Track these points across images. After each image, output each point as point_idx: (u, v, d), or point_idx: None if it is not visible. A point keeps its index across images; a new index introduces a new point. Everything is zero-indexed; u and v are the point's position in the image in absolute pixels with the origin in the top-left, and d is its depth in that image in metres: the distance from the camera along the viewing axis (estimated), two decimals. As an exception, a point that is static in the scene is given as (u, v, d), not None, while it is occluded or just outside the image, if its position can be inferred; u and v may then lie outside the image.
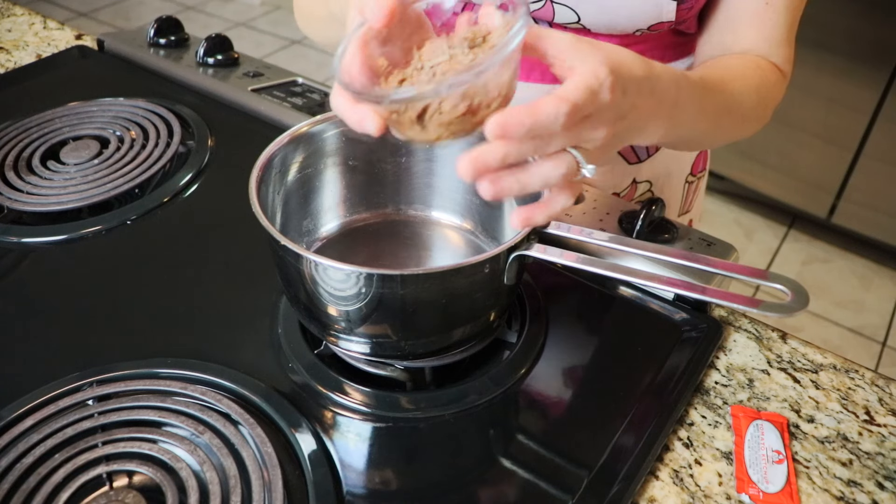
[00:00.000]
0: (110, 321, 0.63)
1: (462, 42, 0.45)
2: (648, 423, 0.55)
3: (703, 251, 0.68)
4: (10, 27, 1.12)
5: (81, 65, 1.03)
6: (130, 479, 0.51)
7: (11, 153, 0.82)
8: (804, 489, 0.52)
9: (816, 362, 0.62)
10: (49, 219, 0.74)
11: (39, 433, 0.52)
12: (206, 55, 0.98)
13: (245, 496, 0.48)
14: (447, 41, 0.45)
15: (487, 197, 0.44)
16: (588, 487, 0.51)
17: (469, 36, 0.45)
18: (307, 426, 0.54)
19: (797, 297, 0.49)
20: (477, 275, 0.52)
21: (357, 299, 0.52)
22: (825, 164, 2.03)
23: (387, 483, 0.52)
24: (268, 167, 0.59)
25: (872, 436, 0.57)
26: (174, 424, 0.53)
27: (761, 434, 0.55)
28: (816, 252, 2.16)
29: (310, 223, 0.67)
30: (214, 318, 0.64)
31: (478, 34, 0.45)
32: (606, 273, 0.53)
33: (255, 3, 3.48)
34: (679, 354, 0.61)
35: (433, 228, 0.69)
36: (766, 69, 0.67)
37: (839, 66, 1.87)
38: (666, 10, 0.65)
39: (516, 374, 0.59)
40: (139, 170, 0.79)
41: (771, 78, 0.67)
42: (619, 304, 0.66)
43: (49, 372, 0.57)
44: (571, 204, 0.49)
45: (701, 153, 0.87)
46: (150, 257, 0.70)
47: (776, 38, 0.67)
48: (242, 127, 0.89)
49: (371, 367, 0.59)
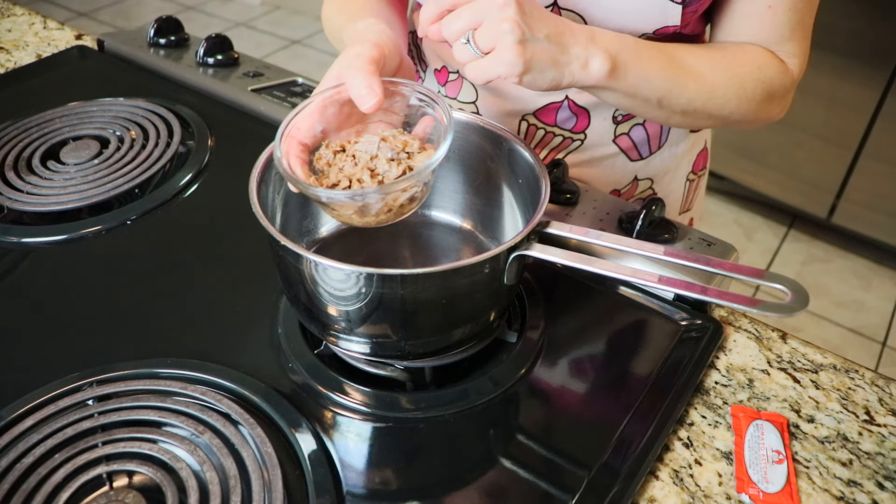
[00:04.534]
0: (110, 321, 0.63)
1: (389, 150, 0.55)
2: (648, 423, 0.55)
3: (703, 251, 0.68)
4: (10, 27, 1.12)
5: (81, 65, 1.03)
6: (130, 479, 0.51)
7: (11, 153, 0.82)
8: (804, 489, 0.52)
9: (816, 362, 0.62)
10: (49, 219, 0.74)
11: (39, 433, 0.52)
12: (206, 55, 0.98)
13: (245, 496, 0.48)
14: (381, 141, 0.55)
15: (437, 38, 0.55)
16: (588, 487, 0.51)
17: (398, 148, 0.55)
18: (307, 426, 0.54)
19: (797, 297, 0.49)
20: (477, 275, 0.52)
21: (357, 299, 0.52)
22: (825, 164, 2.03)
23: (387, 483, 0.52)
24: (268, 167, 0.59)
25: (872, 436, 0.57)
26: (174, 424, 0.53)
27: (761, 434, 0.55)
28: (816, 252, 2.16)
29: (310, 223, 0.67)
30: (214, 318, 0.64)
31: (406, 146, 0.55)
32: (606, 273, 0.53)
33: (255, 3, 3.48)
34: (679, 354, 0.61)
35: (433, 228, 0.69)
36: (767, 54, 0.68)
37: (839, 66, 1.87)
38: (671, 14, 0.65)
39: (516, 374, 0.59)
40: (139, 170, 0.79)
41: (774, 62, 0.68)
42: (619, 304, 0.66)
43: (49, 372, 0.57)
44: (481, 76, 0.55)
45: (701, 152, 0.87)
46: (150, 257, 0.70)
47: (779, 36, 0.68)
48: (242, 127, 0.89)
49: (371, 367, 0.59)
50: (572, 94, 0.75)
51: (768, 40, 0.68)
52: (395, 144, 0.55)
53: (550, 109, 0.76)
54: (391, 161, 0.54)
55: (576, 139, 0.78)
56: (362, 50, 0.55)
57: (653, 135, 0.80)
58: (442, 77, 0.82)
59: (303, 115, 0.56)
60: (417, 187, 0.54)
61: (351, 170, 0.54)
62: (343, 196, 0.52)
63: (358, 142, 0.56)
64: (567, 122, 0.77)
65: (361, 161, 0.54)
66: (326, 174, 0.55)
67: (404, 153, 0.55)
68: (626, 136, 0.78)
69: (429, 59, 0.84)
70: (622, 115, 0.77)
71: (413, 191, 0.54)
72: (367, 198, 0.52)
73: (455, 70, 0.80)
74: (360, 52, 0.55)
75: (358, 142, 0.56)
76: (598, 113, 0.76)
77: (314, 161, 0.56)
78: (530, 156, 0.59)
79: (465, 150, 0.65)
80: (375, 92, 0.53)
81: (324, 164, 0.55)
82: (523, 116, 0.77)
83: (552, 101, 0.76)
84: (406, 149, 0.55)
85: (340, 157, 0.55)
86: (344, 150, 0.56)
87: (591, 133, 0.77)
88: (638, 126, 0.78)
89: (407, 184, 0.52)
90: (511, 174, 0.63)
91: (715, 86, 0.65)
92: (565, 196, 0.73)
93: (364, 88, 0.53)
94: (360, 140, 0.56)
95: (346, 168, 0.54)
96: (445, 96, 0.82)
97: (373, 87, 0.53)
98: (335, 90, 0.56)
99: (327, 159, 0.55)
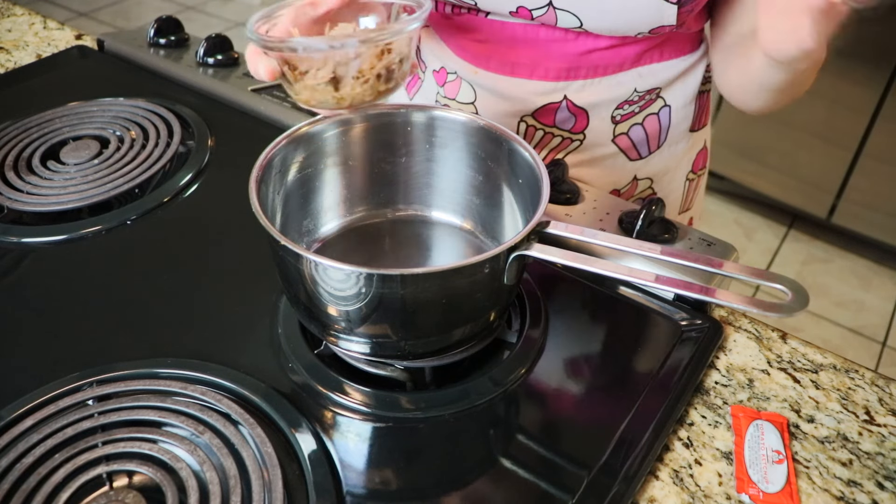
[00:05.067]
0: (110, 321, 0.63)
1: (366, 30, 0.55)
2: (648, 423, 0.55)
3: (703, 251, 0.68)
4: (10, 27, 1.12)
5: (81, 65, 1.03)
6: (130, 479, 0.51)
7: (11, 153, 0.82)
8: (804, 489, 0.52)
9: (816, 362, 0.62)
10: (49, 219, 0.74)
11: (39, 433, 0.52)
12: (206, 55, 0.98)
13: (245, 496, 0.48)
14: (357, 30, 0.55)
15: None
16: (588, 487, 0.51)
17: (374, 30, 0.54)
18: (307, 426, 0.54)
19: (797, 297, 0.49)
20: (477, 275, 0.52)
21: (357, 299, 0.52)
22: (825, 164, 2.03)
23: (387, 483, 0.52)
24: (268, 167, 0.59)
25: (872, 436, 0.57)
26: (174, 424, 0.53)
27: (761, 434, 0.55)
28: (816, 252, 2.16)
29: (310, 223, 0.67)
30: (214, 318, 0.64)
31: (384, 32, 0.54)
32: (606, 273, 0.53)
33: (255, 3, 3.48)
34: (679, 354, 0.61)
35: (433, 228, 0.69)
36: None
37: (839, 66, 1.87)
38: (667, 14, 0.65)
39: (516, 374, 0.59)
40: (139, 170, 0.79)
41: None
42: (619, 304, 0.66)
43: (49, 372, 0.57)
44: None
45: (701, 151, 0.87)
46: (150, 257, 0.70)
47: None
48: (242, 127, 0.89)
49: (371, 367, 0.59)
50: (570, 95, 0.75)
51: None
52: (371, 30, 0.56)
53: (549, 110, 0.76)
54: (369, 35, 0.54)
55: (575, 139, 0.78)
56: None
57: (652, 134, 0.80)
58: (441, 77, 0.82)
59: (278, 23, 0.56)
60: (394, 56, 0.54)
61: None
62: (319, 42, 0.51)
63: (335, 29, 0.56)
64: (566, 123, 0.77)
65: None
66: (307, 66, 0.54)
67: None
68: (625, 136, 0.78)
69: (427, 60, 0.84)
70: (621, 114, 0.77)
71: (390, 57, 0.53)
72: (345, 45, 0.51)
73: (453, 71, 0.80)
74: None
75: (335, 29, 0.56)
76: (597, 113, 0.76)
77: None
78: (530, 156, 0.59)
79: (465, 150, 0.65)
80: None
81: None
82: (522, 117, 0.77)
83: (551, 102, 0.76)
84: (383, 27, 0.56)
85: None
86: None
87: (589, 133, 0.78)
88: (637, 126, 0.78)
89: (385, 37, 0.51)
90: (511, 174, 0.63)
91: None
92: (565, 196, 0.73)
93: None
94: (336, 29, 0.56)
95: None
96: (444, 97, 0.83)
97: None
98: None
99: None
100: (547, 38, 0.73)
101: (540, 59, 0.74)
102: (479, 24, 0.75)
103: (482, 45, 0.76)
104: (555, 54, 0.73)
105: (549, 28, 0.72)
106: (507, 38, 0.74)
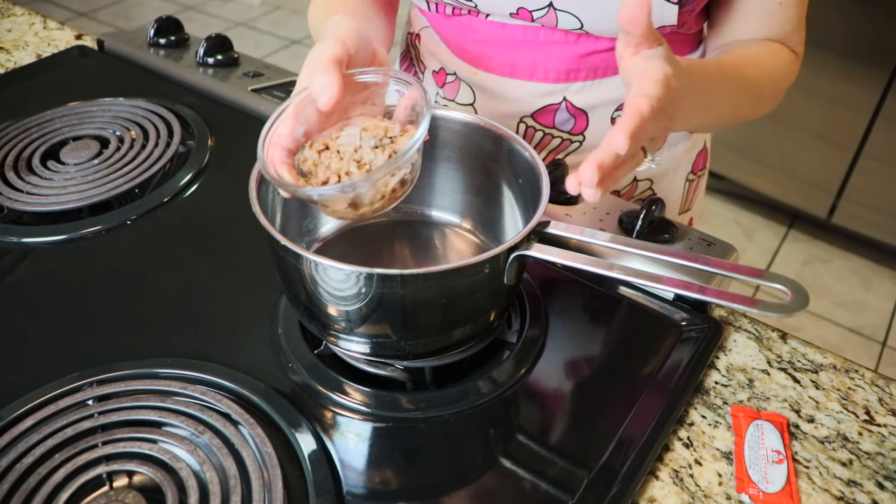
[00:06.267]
0: (110, 321, 0.63)
1: (371, 138, 0.55)
2: (648, 423, 0.55)
3: (703, 251, 0.68)
4: (10, 27, 1.12)
5: (81, 65, 1.03)
6: (130, 479, 0.51)
7: (11, 153, 0.82)
8: (804, 489, 0.52)
9: (816, 362, 0.62)
10: (49, 219, 0.74)
11: (39, 433, 0.52)
12: (206, 55, 0.98)
13: (245, 496, 0.48)
14: (362, 132, 0.56)
15: (592, 199, 0.47)
16: (588, 487, 0.51)
17: (380, 135, 0.55)
18: (307, 426, 0.54)
19: (797, 297, 0.49)
20: (477, 275, 0.52)
21: (357, 299, 0.52)
22: (825, 164, 2.03)
23: (387, 483, 0.52)
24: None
25: (872, 436, 0.57)
26: (174, 424, 0.53)
27: (761, 434, 0.55)
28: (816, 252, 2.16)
29: (310, 223, 0.67)
30: (214, 317, 0.64)
31: (388, 132, 0.55)
32: (606, 273, 0.53)
33: (255, 3, 3.48)
34: (679, 354, 0.61)
35: (433, 228, 0.69)
36: (778, 51, 0.69)
37: (839, 66, 1.87)
38: (668, 14, 0.65)
39: (516, 374, 0.59)
40: (139, 170, 0.79)
41: (784, 58, 0.70)
42: (619, 304, 0.66)
43: (49, 372, 0.57)
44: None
45: (701, 152, 0.87)
46: (150, 257, 0.70)
47: (789, 28, 0.70)
48: (242, 127, 0.89)
49: (371, 367, 0.59)
50: (570, 97, 0.75)
51: (779, 34, 0.69)
52: (377, 132, 0.55)
53: (548, 111, 0.76)
54: (375, 149, 0.54)
55: (574, 141, 0.78)
56: (323, 47, 0.55)
57: (652, 135, 0.80)
58: (440, 79, 0.82)
59: (281, 121, 0.56)
60: (405, 169, 0.54)
61: (338, 165, 0.54)
62: (333, 190, 0.52)
63: (340, 136, 0.56)
64: (565, 124, 0.77)
65: (346, 154, 0.55)
66: (315, 174, 0.55)
67: (387, 138, 0.55)
68: (625, 137, 0.78)
69: (426, 61, 0.84)
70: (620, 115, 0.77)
71: (402, 173, 0.54)
72: (356, 188, 0.52)
73: (453, 72, 0.80)
74: (322, 48, 0.55)
75: (340, 136, 0.56)
76: (597, 114, 0.76)
77: (300, 164, 0.56)
78: (530, 156, 0.59)
79: (465, 150, 0.65)
80: (329, 88, 0.52)
81: (310, 165, 0.55)
82: (521, 118, 0.77)
83: (550, 103, 0.76)
84: (388, 134, 0.55)
85: (325, 154, 0.56)
86: (328, 148, 0.56)
87: (589, 135, 0.77)
88: (637, 127, 0.78)
89: (393, 167, 0.52)
90: (511, 174, 0.63)
91: (762, 97, 0.68)
92: (565, 196, 0.73)
93: (319, 86, 0.53)
94: (342, 134, 0.56)
95: (332, 164, 0.54)
96: (444, 97, 0.83)
97: (329, 85, 0.52)
98: (308, 91, 0.56)
99: (313, 160, 0.55)
100: (547, 40, 0.73)
101: (540, 61, 0.74)
102: (479, 26, 0.75)
103: (482, 47, 0.76)
104: (555, 56, 0.73)
105: (549, 30, 0.72)
106: (506, 40, 0.74)
